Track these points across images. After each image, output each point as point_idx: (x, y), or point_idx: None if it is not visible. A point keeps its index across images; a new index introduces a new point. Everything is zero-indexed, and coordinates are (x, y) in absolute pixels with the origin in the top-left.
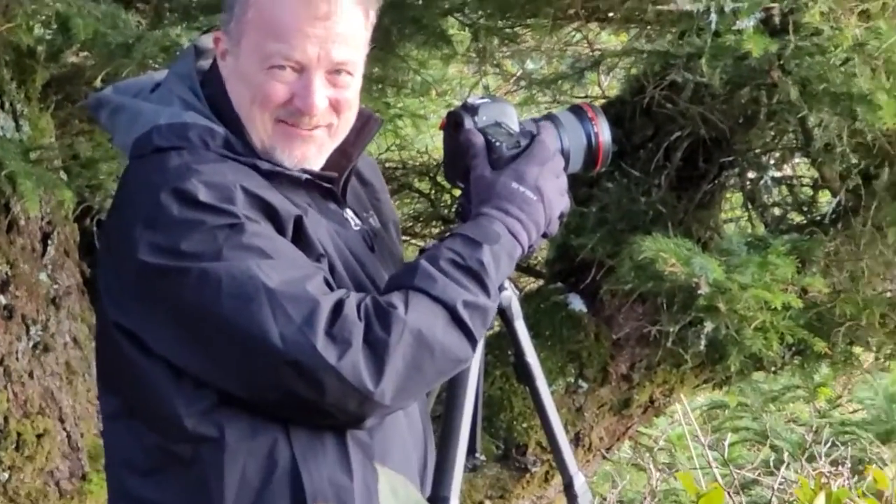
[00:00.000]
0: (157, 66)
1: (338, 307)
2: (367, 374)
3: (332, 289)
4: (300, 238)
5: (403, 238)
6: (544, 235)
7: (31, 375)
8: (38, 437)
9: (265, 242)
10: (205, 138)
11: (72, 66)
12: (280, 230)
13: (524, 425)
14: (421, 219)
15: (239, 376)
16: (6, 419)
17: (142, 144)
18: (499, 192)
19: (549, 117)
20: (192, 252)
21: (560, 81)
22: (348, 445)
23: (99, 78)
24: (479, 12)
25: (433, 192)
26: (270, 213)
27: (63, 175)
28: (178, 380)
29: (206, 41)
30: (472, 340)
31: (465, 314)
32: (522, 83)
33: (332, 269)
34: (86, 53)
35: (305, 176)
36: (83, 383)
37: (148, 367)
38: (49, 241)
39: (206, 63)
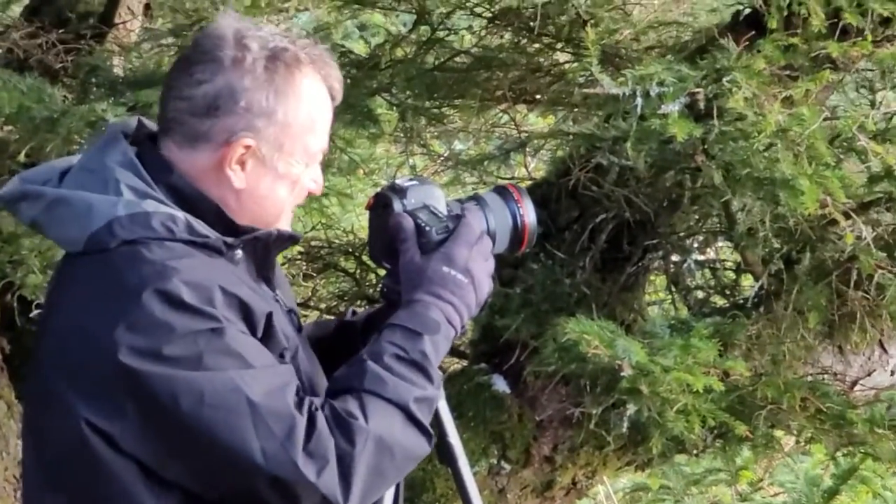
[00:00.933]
0: (82, 140)
1: (311, 421)
2: (339, 488)
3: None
4: (269, 334)
5: (328, 317)
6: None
7: None
8: None
9: (244, 348)
10: (168, 225)
11: None
12: (252, 329)
13: None
14: (346, 298)
15: (213, 484)
16: None
17: (100, 238)
18: (430, 276)
19: (475, 198)
20: (174, 357)
21: (487, 162)
22: None
23: (23, 153)
24: (407, 92)
25: (358, 271)
26: (245, 313)
27: None
28: (147, 478)
29: (129, 125)
30: (428, 435)
31: (417, 411)
32: (449, 163)
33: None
34: (10, 128)
35: (279, 232)
36: (1, 461)
37: (116, 464)
38: None
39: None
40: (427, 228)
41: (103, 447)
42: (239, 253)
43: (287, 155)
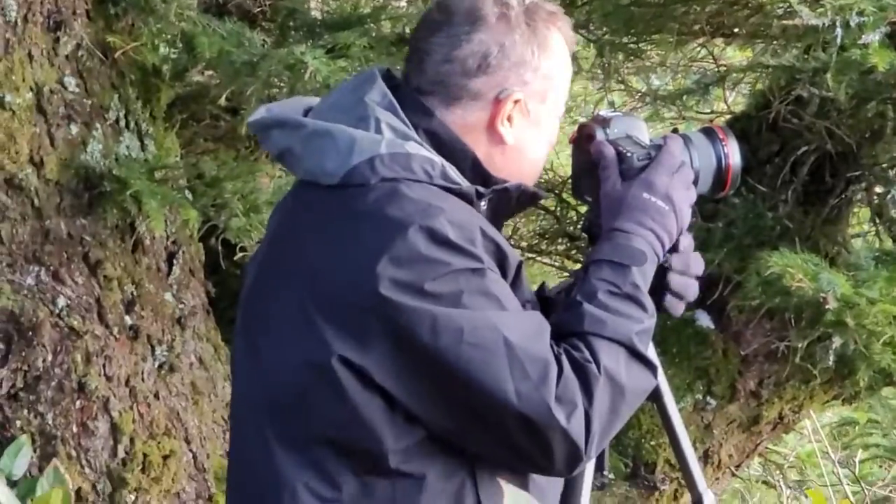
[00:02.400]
0: (282, 84)
1: (559, 366)
2: (583, 433)
3: None
4: (517, 283)
5: (529, 256)
6: (674, 249)
7: (156, 396)
8: (165, 458)
9: (501, 292)
10: (426, 168)
11: (196, 84)
12: (504, 274)
13: (652, 443)
14: (546, 236)
15: (464, 421)
16: (132, 440)
17: (361, 173)
18: (630, 203)
19: (681, 135)
20: (435, 293)
21: (685, 97)
22: (529, 489)
23: (223, 97)
24: (604, 28)
25: (559, 208)
26: (500, 257)
27: (188, 194)
28: (392, 413)
29: (381, 72)
30: (652, 367)
31: (639, 345)
32: (648, 99)
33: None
34: (210, 72)
35: (526, 187)
36: (209, 404)
37: (363, 399)
38: (174, 261)
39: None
40: (628, 155)
41: (351, 381)
42: (483, 203)
43: (548, 109)
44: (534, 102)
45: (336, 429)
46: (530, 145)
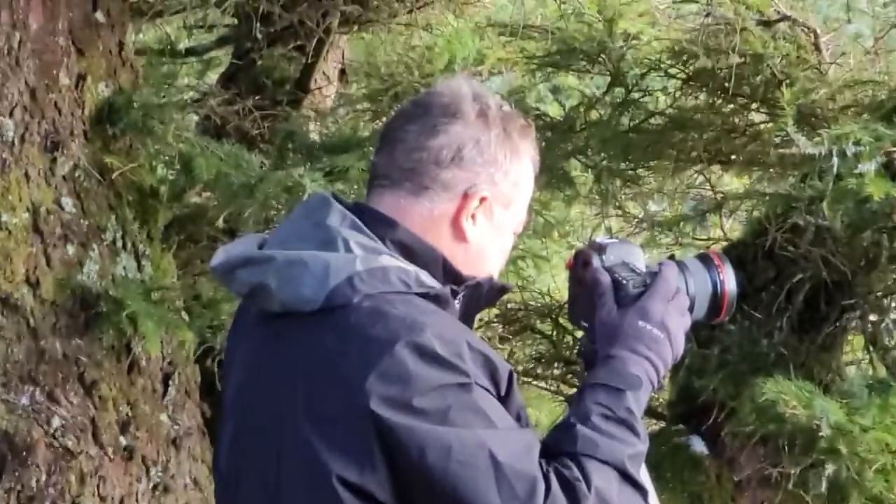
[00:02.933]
0: (279, 206)
1: (547, 484)
2: None
3: None
4: (509, 393)
5: (525, 380)
6: None
7: None
8: None
9: (490, 406)
10: (403, 278)
11: (194, 206)
12: (496, 387)
13: None
14: (542, 360)
15: None
16: None
17: (342, 293)
18: (626, 331)
19: (676, 262)
20: (423, 409)
21: (682, 223)
22: None
23: (221, 218)
24: (602, 154)
25: (555, 333)
26: (491, 369)
27: (184, 315)
28: None
29: (328, 195)
30: (643, 491)
31: (631, 469)
32: (644, 225)
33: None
34: (208, 194)
35: (503, 282)
36: None
37: None
38: (170, 382)
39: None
40: (624, 282)
41: (351, 499)
42: (457, 304)
43: (510, 216)
44: (498, 206)
45: None
46: (488, 248)
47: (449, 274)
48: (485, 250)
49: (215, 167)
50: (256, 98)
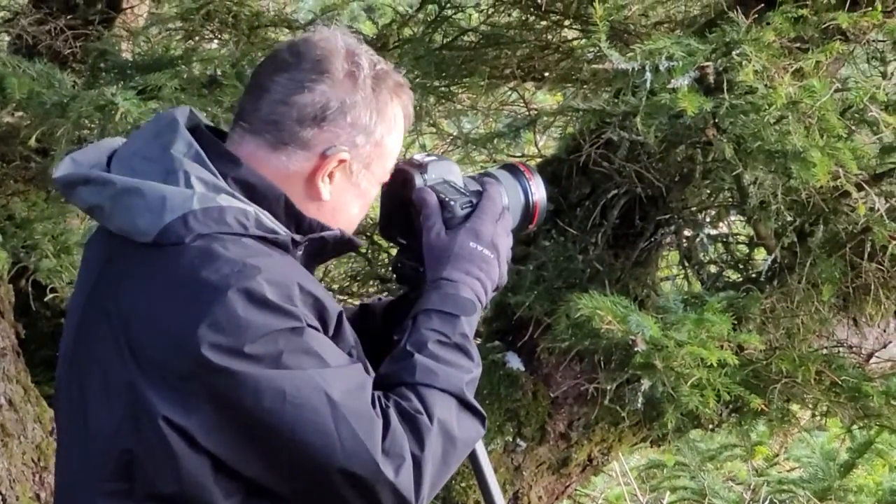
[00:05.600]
0: (92, 125)
1: (385, 419)
2: (411, 486)
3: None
4: (339, 332)
5: (341, 298)
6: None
7: None
8: None
9: (322, 348)
10: (240, 220)
11: (7, 125)
12: (325, 326)
13: (462, 485)
14: (358, 278)
15: (292, 480)
16: None
17: (175, 231)
18: (457, 252)
19: (488, 174)
20: (256, 355)
21: (496, 140)
22: None
23: (33, 138)
24: (416, 72)
25: (370, 251)
26: (320, 310)
27: None
28: (217, 473)
29: (182, 115)
30: (481, 417)
31: (469, 395)
32: (459, 142)
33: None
34: (21, 113)
35: (344, 234)
36: (18, 445)
37: (189, 459)
38: None
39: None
40: (452, 203)
41: (178, 442)
42: (299, 251)
43: (371, 174)
44: (358, 165)
45: (166, 485)
46: (346, 206)
47: (291, 215)
48: (341, 208)
49: (27, 86)
50: (68, 17)
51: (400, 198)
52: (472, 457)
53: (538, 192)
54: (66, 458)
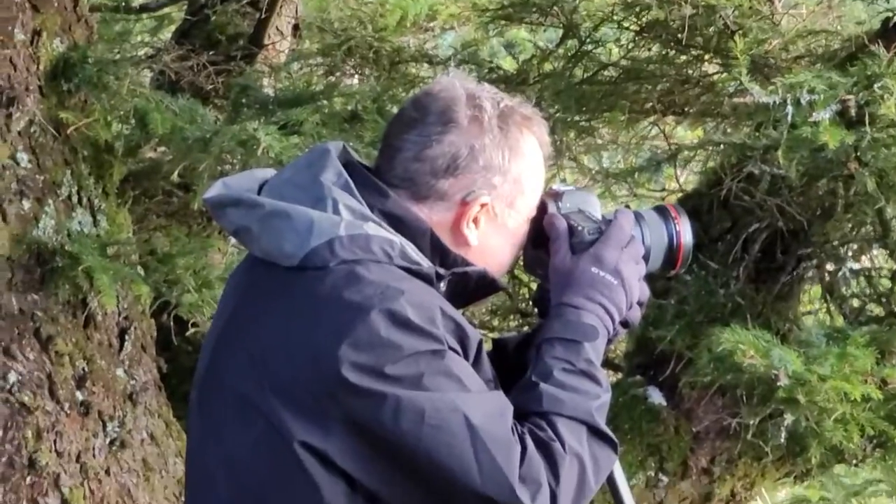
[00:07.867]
0: (234, 160)
1: (523, 445)
2: None
3: None
4: (478, 361)
5: (481, 332)
6: (625, 325)
7: (107, 472)
8: None
9: (463, 371)
10: (386, 249)
11: (149, 161)
12: (465, 353)
13: None
14: (498, 312)
15: (426, 502)
16: None
17: (321, 255)
18: (578, 277)
19: (633, 213)
20: (396, 376)
21: (636, 175)
22: None
23: (176, 172)
24: (556, 106)
25: (511, 285)
26: (461, 336)
27: (140, 270)
28: (354, 495)
29: (335, 148)
30: (612, 443)
31: (599, 421)
32: (599, 177)
33: None
34: (163, 148)
35: (487, 273)
36: (160, 480)
37: (325, 481)
38: (126, 337)
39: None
40: (579, 229)
41: (314, 465)
42: (443, 285)
43: (516, 212)
44: (501, 205)
45: None
46: (496, 249)
47: (437, 249)
48: (490, 250)
49: (170, 122)
50: (210, 53)
51: (538, 228)
52: (615, 492)
53: (685, 234)
54: (199, 486)
